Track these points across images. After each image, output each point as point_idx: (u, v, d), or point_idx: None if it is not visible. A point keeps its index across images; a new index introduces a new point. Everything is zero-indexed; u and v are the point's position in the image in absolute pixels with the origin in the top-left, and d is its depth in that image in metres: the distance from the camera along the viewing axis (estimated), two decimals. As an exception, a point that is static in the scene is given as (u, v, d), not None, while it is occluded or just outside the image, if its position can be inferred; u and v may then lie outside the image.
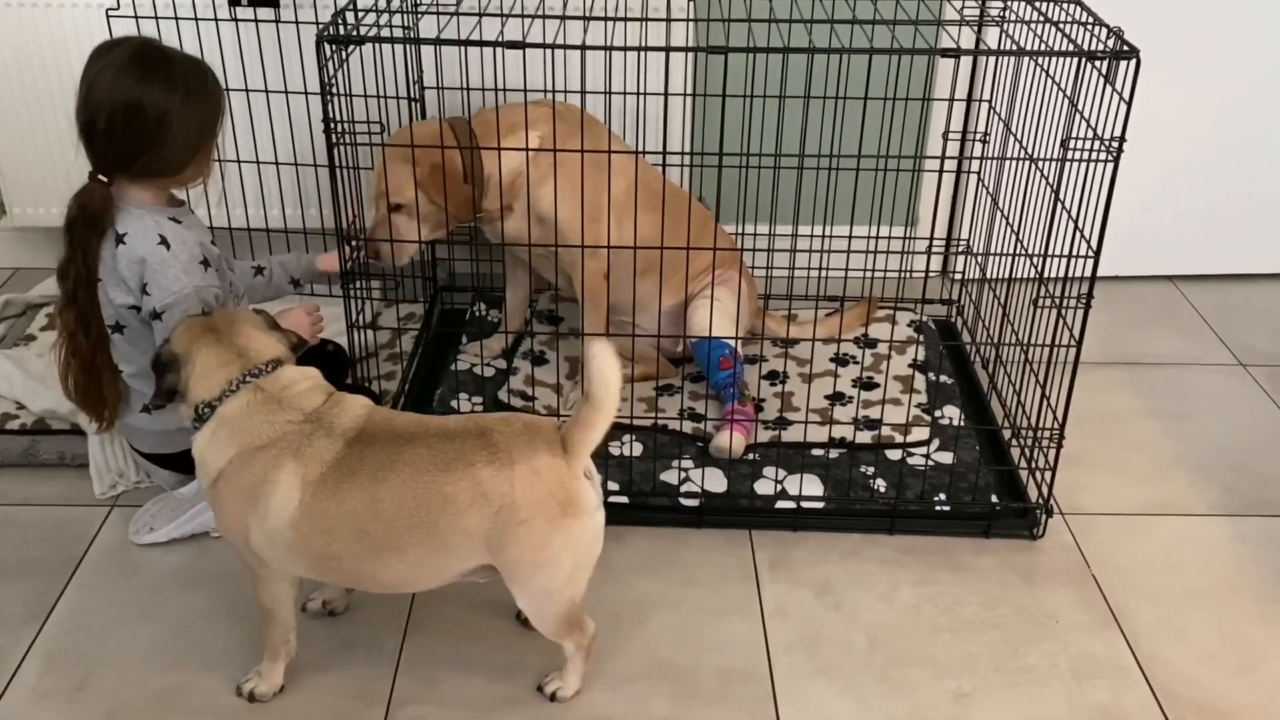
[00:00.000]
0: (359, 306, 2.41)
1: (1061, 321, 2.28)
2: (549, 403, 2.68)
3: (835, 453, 2.52)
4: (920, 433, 2.57)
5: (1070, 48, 2.11)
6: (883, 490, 2.44)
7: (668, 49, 2.06)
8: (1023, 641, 2.14)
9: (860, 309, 2.94)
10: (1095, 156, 2.12)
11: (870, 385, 2.76)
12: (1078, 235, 2.21)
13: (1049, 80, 2.35)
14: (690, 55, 2.87)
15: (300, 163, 2.91)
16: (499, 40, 2.04)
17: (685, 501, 2.42)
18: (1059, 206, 2.28)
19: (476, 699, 2.00)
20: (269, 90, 2.78)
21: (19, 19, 2.94)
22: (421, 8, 2.69)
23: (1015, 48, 2.29)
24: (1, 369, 2.69)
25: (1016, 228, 2.58)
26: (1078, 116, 2.16)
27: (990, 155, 2.82)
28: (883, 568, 2.31)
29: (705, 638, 2.14)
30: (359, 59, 2.51)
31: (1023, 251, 2.54)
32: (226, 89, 2.18)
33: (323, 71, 2.09)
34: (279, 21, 2.80)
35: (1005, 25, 2.44)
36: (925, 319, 3.03)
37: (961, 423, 2.60)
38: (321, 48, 2.07)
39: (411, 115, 2.84)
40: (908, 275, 2.97)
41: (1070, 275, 2.24)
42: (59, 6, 2.92)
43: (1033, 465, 2.45)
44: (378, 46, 2.54)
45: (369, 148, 2.39)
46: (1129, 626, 2.18)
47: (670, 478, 2.46)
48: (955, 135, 2.88)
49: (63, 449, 2.54)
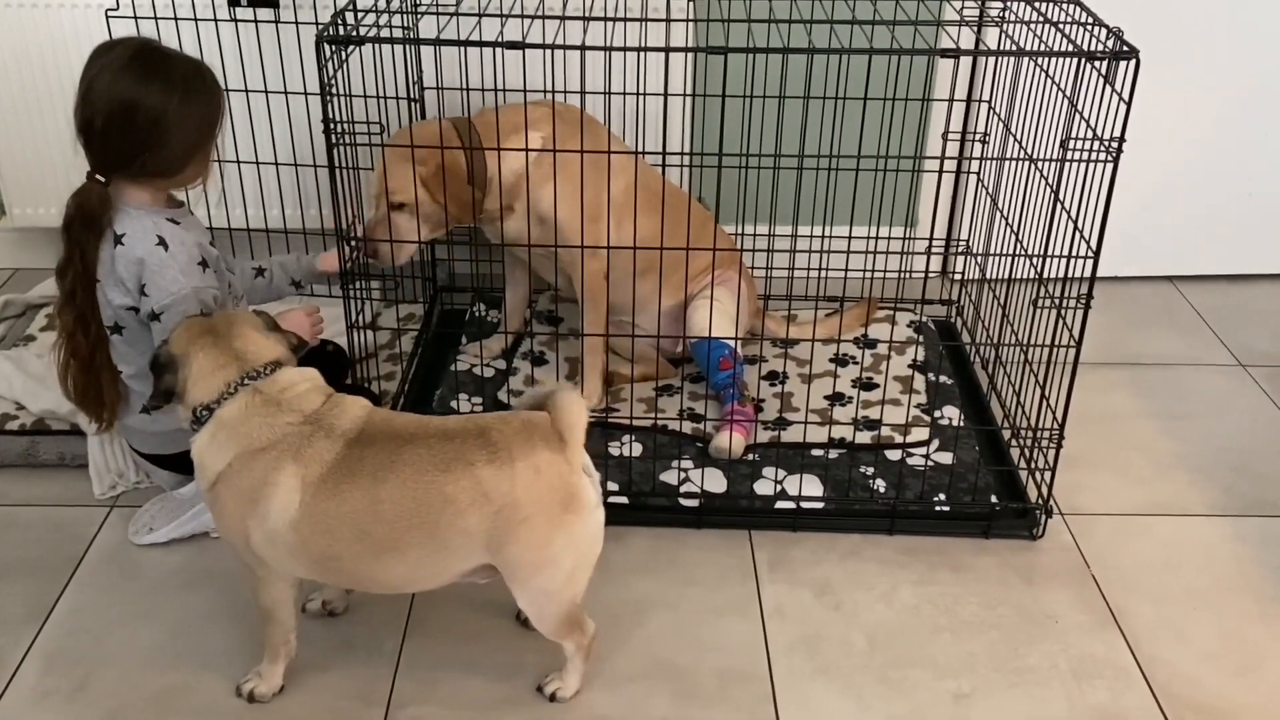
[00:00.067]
0: (358, 307, 2.41)
1: (1061, 322, 2.28)
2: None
3: (835, 453, 2.52)
4: (920, 433, 2.57)
5: (1070, 48, 2.11)
6: (882, 490, 2.44)
7: (667, 49, 2.06)
8: (1022, 642, 2.14)
9: (860, 309, 2.94)
10: (1095, 157, 2.12)
11: (870, 386, 2.76)
12: (1077, 235, 2.21)
13: (1049, 81, 2.35)
14: (690, 55, 2.87)
15: (300, 163, 2.91)
16: (499, 41, 2.04)
17: (685, 502, 2.42)
18: (1058, 207, 2.28)
19: (476, 699, 2.00)
20: (269, 91, 2.78)
21: (19, 19, 2.94)
22: (421, 8, 2.69)
23: (1015, 48, 2.29)
24: (1, 369, 2.69)
25: (1016, 228, 2.58)
26: (1077, 117, 2.16)
27: (990, 156, 2.82)
28: (882, 568, 2.31)
29: (705, 638, 2.14)
30: (359, 59, 2.51)
31: (1022, 252, 2.54)
32: (226, 89, 2.18)
33: (322, 72, 2.09)
34: (279, 22, 2.80)
35: (1005, 26, 2.44)
36: (925, 319, 3.03)
37: (961, 423, 2.60)
38: (321, 48, 2.07)
39: (411, 116, 2.83)
40: (907, 276, 2.97)
41: (1070, 275, 2.24)
42: (59, 7, 2.92)
43: (1032, 465, 2.45)
44: (377, 47, 2.53)
45: (369, 148, 2.39)
46: (1129, 627, 2.18)
47: (670, 478, 2.46)
48: (955, 135, 2.88)
49: (62, 449, 2.54)
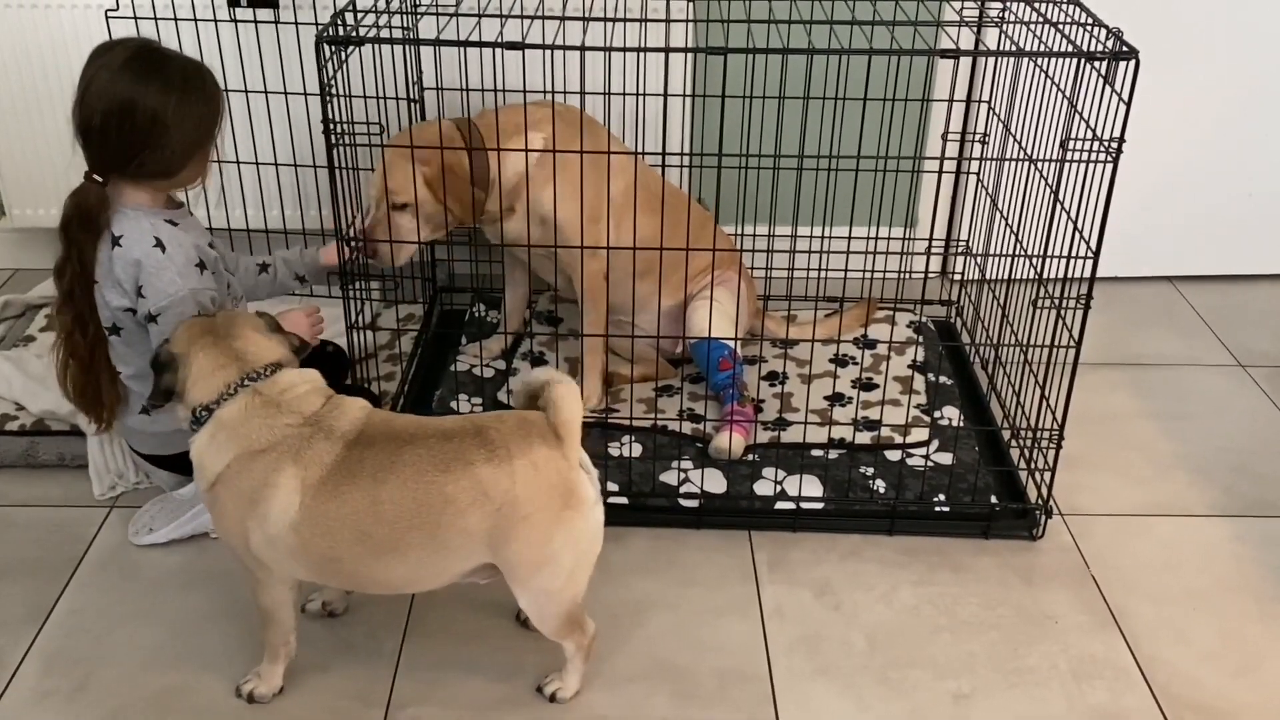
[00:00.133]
0: (358, 307, 2.41)
1: (1061, 322, 2.28)
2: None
3: (834, 453, 2.52)
4: (920, 433, 2.57)
5: (1069, 49, 2.11)
6: (882, 491, 2.44)
7: (667, 50, 2.06)
8: (1022, 642, 2.14)
9: (859, 310, 2.94)
10: (1094, 157, 2.12)
11: (870, 386, 2.76)
12: (1077, 236, 2.21)
13: (1048, 81, 2.35)
14: (689, 56, 2.87)
15: (300, 164, 2.91)
16: (498, 41, 2.04)
17: (685, 502, 2.42)
18: (1058, 207, 2.28)
19: (476, 700, 2.00)
20: (268, 91, 2.78)
21: (19, 20, 2.94)
22: (421, 9, 2.69)
23: (1014, 49, 2.29)
24: (1, 370, 2.69)
25: (1016, 228, 2.58)
26: (1077, 117, 2.16)
27: (989, 156, 2.82)
28: (882, 568, 2.31)
29: (704, 638, 2.14)
30: (358, 60, 2.51)
31: (1022, 252, 2.54)
32: (226, 90, 2.18)
33: (322, 72, 2.09)
34: (278, 23, 2.80)
35: (1004, 26, 2.44)
36: (924, 320, 3.03)
37: (961, 423, 2.60)
38: (321, 48, 2.07)
39: (411, 116, 2.83)
40: (907, 276, 2.97)
41: (1069, 276, 2.24)
42: (59, 8, 2.92)
43: (1032, 466, 2.45)
44: (377, 47, 2.54)
45: (368, 149, 2.39)
46: (1128, 627, 2.18)
47: (670, 478, 2.46)
48: (954, 136, 2.88)
49: (62, 450, 2.54)
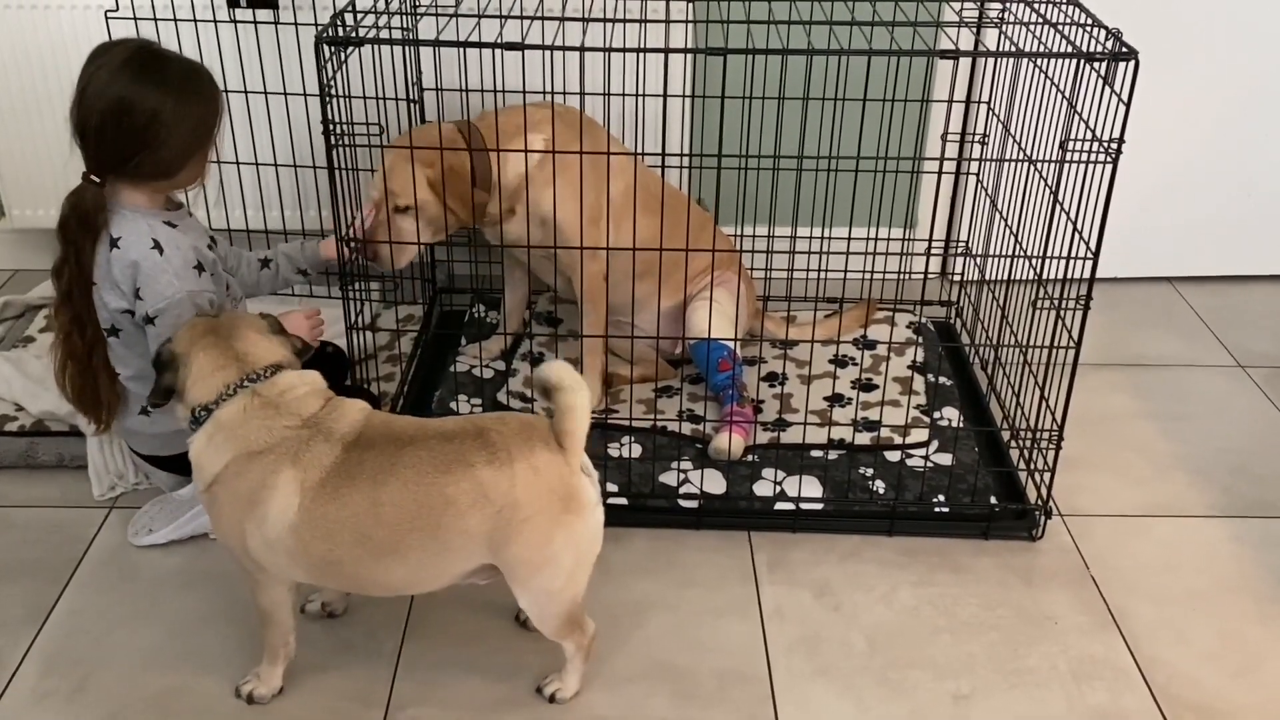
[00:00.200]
0: (358, 308, 2.41)
1: (1060, 323, 2.28)
2: (548, 404, 2.67)
3: (834, 454, 2.52)
4: (919, 434, 2.57)
5: (1069, 49, 2.11)
6: (882, 492, 2.44)
7: (666, 50, 2.06)
8: (1022, 643, 2.14)
9: (859, 310, 2.94)
10: (1094, 158, 2.12)
11: (869, 387, 2.76)
12: (1076, 237, 2.21)
13: (1048, 82, 2.35)
14: (689, 57, 2.87)
15: (299, 164, 2.91)
16: (498, 42, 2.04)
17: (684, 503, 2.42)
18: (1058, 208, 2.28)
19: (475, 700, 2.00)
20: (268, 92, 2.78)
21: (18, 21, 2.94)
22: (420, 9, 2.69)
23: (1014, 49, 2.29)
24: (0, 371, 2.69)
25: (1015, 229, 2.58)
26: (1076, 118, 2.16)
27: (989, 157, 2.82)
28: (882, 569, 2.31)
29: (704, 639, 2.14)
30: (358, 60, 2.51)
31: (1021, 253, 2.54)
32: (225, 91, 2.18)
33: (321, 73, 2.09)
34: (278, 23, 2.80)
35: (1004, 27, 2.44)
36: (924, 320, 3.03)
37: (960, 424, 2.60)
38: (320, 49, 2.07)
39: (410, 117, 2.84)
40: (907, 277, 2.97)
41: (1069, 277, 2.24)
42: (58, 8, 2.92)
43: (1032, 467, 2.45)
44: (376, 48, 2.53)
45: (368, 149, 2.39)
46: (1128, 628, 2.18)
47: (669, 479, 2.46)
48: (954, 137, 2.88)
49: (61, 451, 2.54)
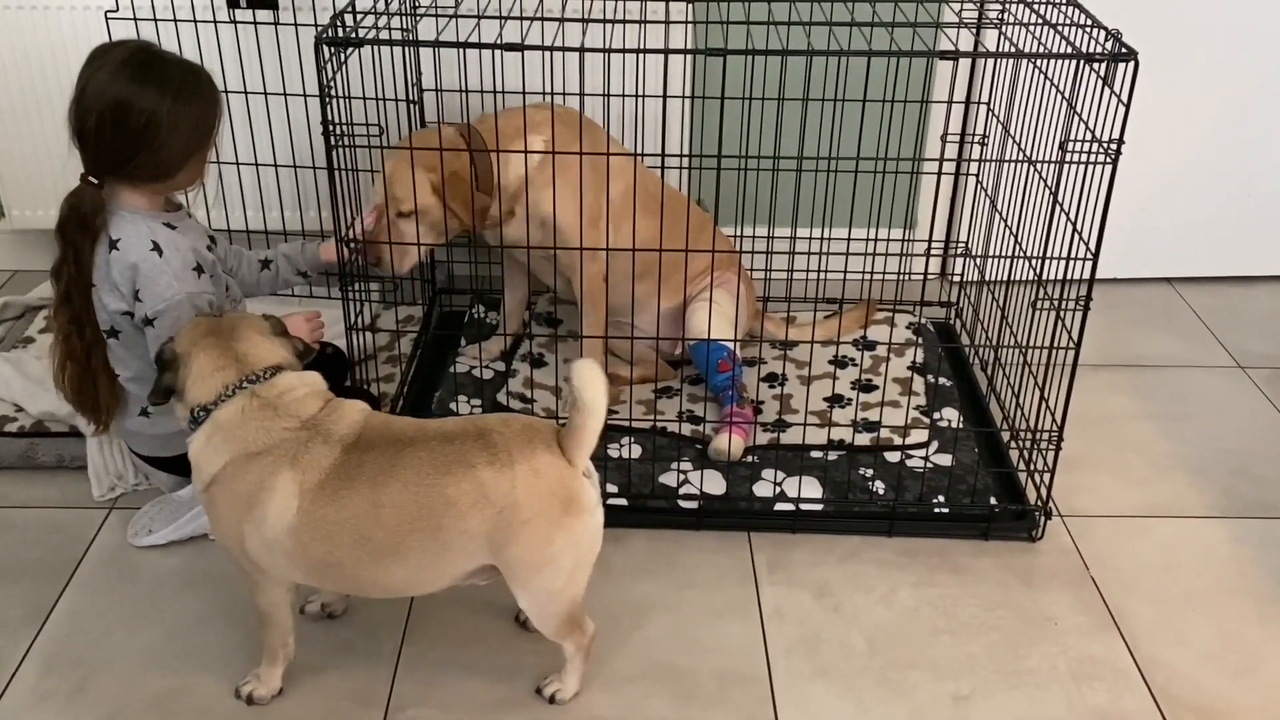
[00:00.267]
0: (358, 309, 2.41)
1: (1060, 324, 2.28)
2: (548, 405, 2.68)
3: (834, 455, 2.52)
4: (919, 435, 2.57)
5: (1068, 50, 2.11)
6: (881, 492, 2.44)
7: (666, 51, 2.06)
8: (1022, 644, 2.14)
9: (859, 311, 2.94)
10: (1093, 159, 2.12)
11: (869, 387, 2.76)
12: (1076, 237, 2.21)
13: (1047, 82, 2.35)
14: (689, 57, 2.87)
15: (299, 165, 2.91)
16: (498, 43, 2.04)
17: (684, 504, 2.42)
18: (1057, 209, 2.28)
19: (475, 701, 2.00)
20: (268, 93, 2.78)
21: (18, 21, 2.94)
22: (420, 10, 2.69)
23: (1013, 50, 2.29)
24: (0, 371, 2.69)
25: (1015, 230, 2.58)
26: (1076, 119, 2.16)
27: (989, 157, 2.82)
28: (881, 570, 2.31)
29: (704, 639, 2.14)
30: (358, 61, 2.51)
31: (1021, 254, 2.54)
32: (225, 91, 2.17)
33: (321, 74, 2.09)
34: (278, 24, 2.80)
35: (1003, 28, 2.44)
36: (924, 321, 3.03)
37: (960, 425, 2.60)
38: (320, 50, 2.07)
39: (410, 118, 2.84)
40: (906, 277, 2.97)
41: (1069, 277, 2.24)
42: (58, 9, 2.92)
43: (1031, 467, 2.45)
44: (376, 49, 2.53)
45: (368, 150, 2.39)
46: (1128, 628, 2.18)
47: (669, 480, 2.46)
48: (954, 137, 2.88)
49: (61, 451, 2.54)
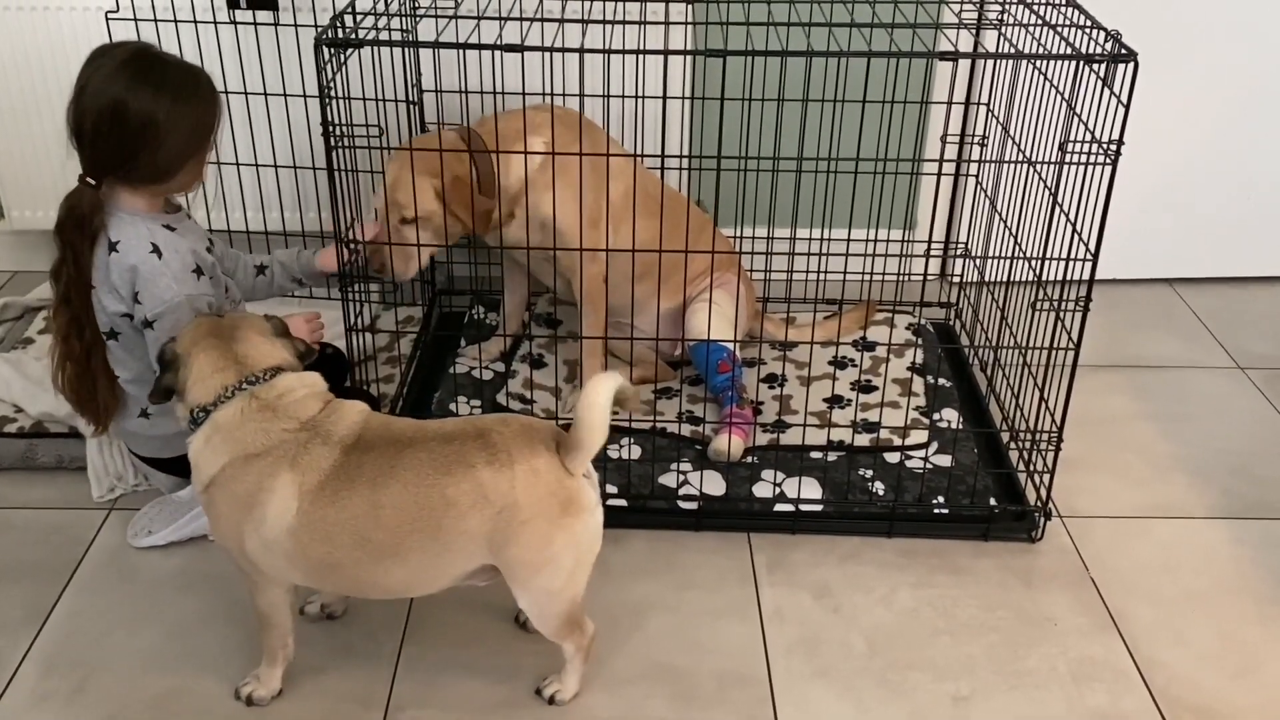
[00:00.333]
0: (357, 310, 2.41)
1: (1060, 324, 2.29)
2: (547, 406, 2.68)
3: (834, 455, 2.52)
4: (919, 436, 2.57)
5: (1068, 51, 2.11)
6: (881, 493, 2.44)
7: (666, 52, 2.06)
8: (1021, 644, 2.14)
9: (859, 312, 2.94)
10: (1093, 160, 2.12)
11: (869, 388, 2.76)
12: (1076, 238, 2.21)
13: (1047, 83, 2.35)
14: (689, 58, 2.87)
15: (299, 166, 2.91)
16: (498, 44, 2.04)
17: (684, 504, 2.42)
18: (1057, 209, 2.28)
19: (475, 702, 2.00)
20: (268, 93, 2.78)
21: (18, 22, 2.94)
22: (420, 11, 2.69)
23: (1013, 51, 2.29)
24: (0, 372, 2.69)
25: (1015, 231, 2.59)
26: (1075, 120, 2.16)
27: (988, 158, 2.82)
28: (881, 570, 2.31)
29: (703, 640, 2.14)
30: (357, 62, 2.51)
31: (1021, 255, 2.54)
32: (225, 92, 2.18)
33: (321, 75, 2.09)
34: (278, 25, 2.80)
35: (1003, 29, 2.44)
36: (924, 322, 3.03)
37: (960, 426, 2.60)
38: (320, 51, 2.07)
39: (410, 119, 2.84)
40: (906, 278, 2.97)
41: (1068, 278, 2.24)
42: (58, 10, 2.92)
43: (1031, 468, 2.45)
44: (376, 50, 2.54)
45: (368, 151, 2.39)
46: (1127, 629, 2.18)
47: (669, 480, 2.46)
48: (953, 138, 2.88)
49: (61, 452, 2.53)
